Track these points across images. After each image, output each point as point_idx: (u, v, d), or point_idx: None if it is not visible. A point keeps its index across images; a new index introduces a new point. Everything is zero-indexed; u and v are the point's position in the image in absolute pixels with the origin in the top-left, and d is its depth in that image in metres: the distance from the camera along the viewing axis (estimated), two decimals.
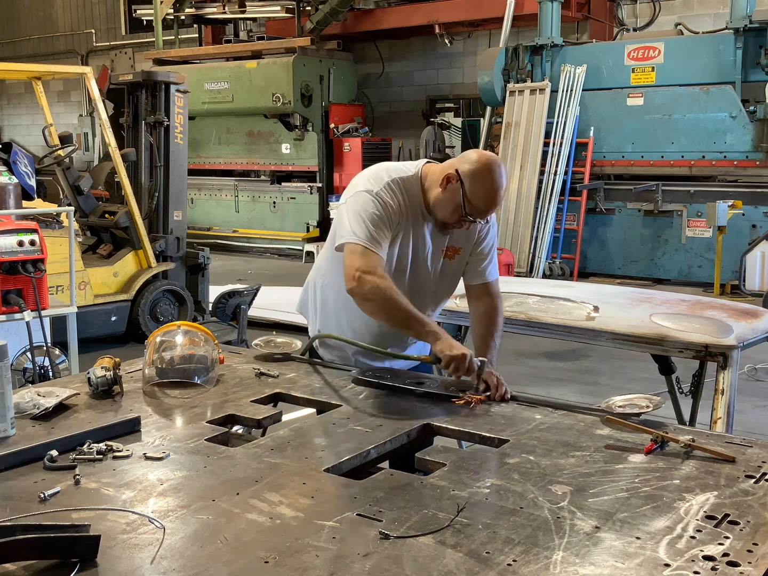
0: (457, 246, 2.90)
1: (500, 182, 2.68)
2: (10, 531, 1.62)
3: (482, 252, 2.95)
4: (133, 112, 8.46)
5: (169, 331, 2.79)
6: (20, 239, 4.77)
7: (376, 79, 14.84)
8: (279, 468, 2.06)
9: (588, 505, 1.85)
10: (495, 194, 2.68)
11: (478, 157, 2.70)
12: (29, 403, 2.42)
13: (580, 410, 2.50)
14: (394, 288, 2.64)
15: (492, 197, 2.68)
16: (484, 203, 2.68)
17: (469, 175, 2.66)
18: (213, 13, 15.31)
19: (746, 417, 5.49)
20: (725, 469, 2.04)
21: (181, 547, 1.67)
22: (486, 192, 2.66)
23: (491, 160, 2.69)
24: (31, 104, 18.91)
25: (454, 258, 2.91)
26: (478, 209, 2.68)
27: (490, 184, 2.66)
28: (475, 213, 2.70)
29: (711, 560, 1.61)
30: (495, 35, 13.15)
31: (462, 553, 1.64)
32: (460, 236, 2.88)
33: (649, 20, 12.40)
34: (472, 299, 3.01)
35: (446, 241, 2.87)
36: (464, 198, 2.66)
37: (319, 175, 13.71)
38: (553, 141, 11.15)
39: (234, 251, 14.19)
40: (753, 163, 10.23)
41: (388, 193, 2.73)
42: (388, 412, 2.46)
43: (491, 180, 2.66)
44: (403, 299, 2.64)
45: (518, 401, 2.58)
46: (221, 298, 6.46)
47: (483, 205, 2.68)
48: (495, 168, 2.67)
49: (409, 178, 2.79)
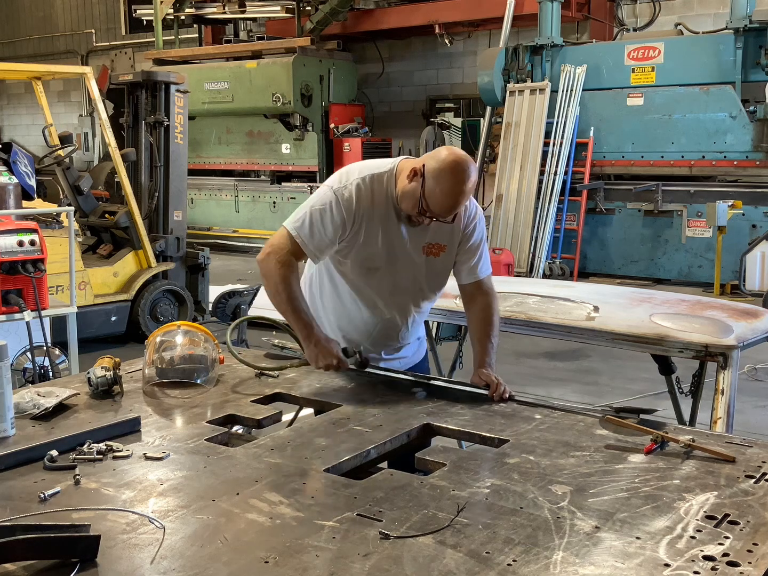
0: (441, 243, 2.82)
1: (459, 188, 2.57)
2: (10, 531, 1.62)
3: (470, 250, 2.87)
4: (133, 112, 8.46)
5: (169, 331, 2.80)
6: (20, 239, 4.76)
7: (376, 79, 14.84)
8: (279, 468, 2.06)
9: (588, 505, 1.85)
10: (452, 198, 2.59)
11: (445, 157, 2.60)
12: (29, 403, 2.42)
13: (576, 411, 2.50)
14: (289, 279, 2.69)
15: (448, 201, 2.60)
16: (439, 205, 2.60)
17: (432, 174, 2.58)
18: (213, 13, 15.32)
19: (746, 417, 5.49)
20: (725, 469, 2.04)
21: (181, 547, 1.67)
22: (443, 194, 2.58)
23: (456, 162, 2.58)
24: (31, 104, 18.92)
25: (439, 255, 2.83)
26: (434, 210, 2.62)
27: (448, 187, 2.57)
28: (433, 213, 2.63)
29: (711, 560, 1.61)
30: (495, 35, 13.15)
31: (462, 553, 1.64)
32: (442, 233, 2.79)
33: (649, 20, 12.40)
34: (467, 299, 2.95)
35: (425, 237, 2.79)
36: (422, 195, 2.60)
37: (319, 175, 13.71)
38: (553, 141, 11.15)
39: (234, 251, 14.19)
40: (753, 163, 10.23)
41: (354, 191, 2.69)
42: (388, 412, 2.46)
43: (451, 183, 2.57)
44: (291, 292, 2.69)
45: (518, 401, 2.58)
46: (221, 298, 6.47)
47: (438, 208, 2.61)
48: (458, 171, 2.57)
49: (382, 174, 2.73)
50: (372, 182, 2.72)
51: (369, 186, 2.71)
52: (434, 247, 2.82)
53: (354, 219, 2.70)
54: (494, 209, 11.40)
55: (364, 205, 2.70)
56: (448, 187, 2.57)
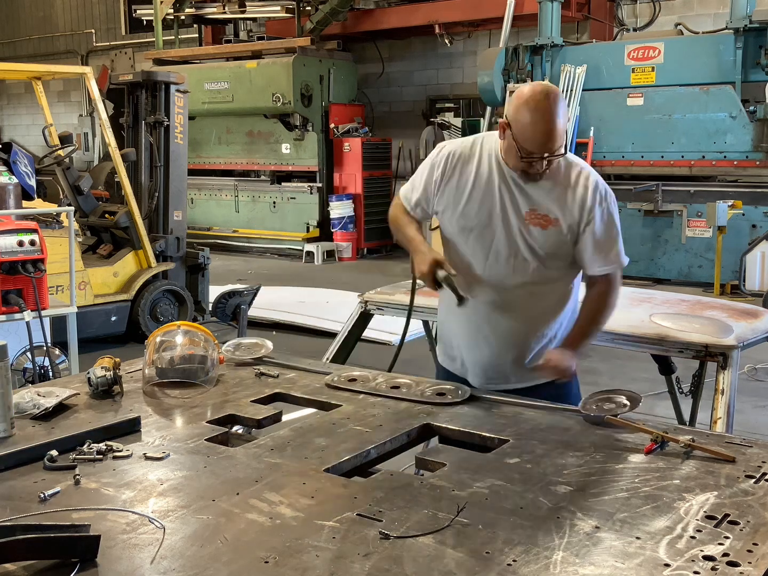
0: (549, 215, 2.61)
1: (543, 113, 2.44)
2: (10, 531, 1.62)
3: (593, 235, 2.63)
4: (133, 112, 8.46)
5: (169, 331, 2.80)
6: (20, 239, 4.77)
7: (376, 79, 14.84)
8: (279, 468, 2.06)
9: (588, 505, 1.85)
10: (541, 125, 2.44)
11: (519, 92, 2.51)
12: (29, 403, 2.42)
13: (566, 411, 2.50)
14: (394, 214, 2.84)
15: (539, 129, 2.45)
16: (532, 140, 2.46)
17: (513, 115, 2.49)
18: (213, 13, 15.31)
19: (746, 417, 5.49)
20: (725, 469, 2.04)
21: (181, 547, 1.67)
22: (531, 126, 2.45)
23: (532, 90, 2.47)
24: (31, 104, 18.91)
25: (547, 228, 2.62)
26: (531, 148, 2.47)
27: (532, 116, 2.44)
28: (531, 151, 2.48)
29: (711, 560, 1.61)
30: (495, 35, 13.14)
31: (462, 553, 1.64)
32: (550, 202, 2.61)
33: (649, 20, 12.39)
34: (587, 285, 2.77)
35: (529, 202, 2.61)
36: (515, 140, 2.49)
37: (319, 175, 13.71)
38: None
39: (234, 251, 14.19)
40: (753, 163, 10.23)
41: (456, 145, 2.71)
42: (388, 412, 2.46)
43: (533, 111, 2.44)
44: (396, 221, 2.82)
45: (518, 402, 2.58)
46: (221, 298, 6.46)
47: (533, 143, 2.46)
48: (536, 96, 2.45)
49: (491, 134, 2.69)
50: (475, 141, 2.70)
51: (472, 143, 2.70)
52: (540, 217, 2.62)
53: (446, 169, 2.68)
54: None
55: (463, 159, 2.68)
56: (532, 115, 2.45)
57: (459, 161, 2.69)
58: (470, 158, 2.68)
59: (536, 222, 2.62)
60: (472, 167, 2.67)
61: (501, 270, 2.67)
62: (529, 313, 2.73)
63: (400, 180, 14.38)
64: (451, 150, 2.70)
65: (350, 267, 12.85)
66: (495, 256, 2.67)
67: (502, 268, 2.67)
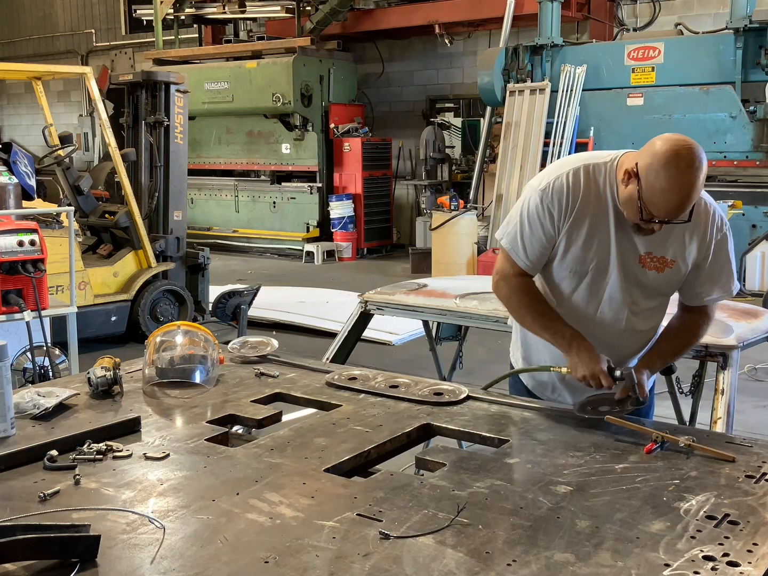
0: (665, 256, 2.40)
1: (684, 179, 2.16)
2: (10, 531, 1.62)
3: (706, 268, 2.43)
4: (133, 112, 8.47)
5: (169, 331, 2.80)
6: (20, 239, 4.77)
7: (376, 79, 14.84)
8: (279, 468, 2.06)
9: (588, 505, 1.85)
10: (676, 194, 2.18)
11: (659, 147, 2.20)
12: (29, 403, 2.42)
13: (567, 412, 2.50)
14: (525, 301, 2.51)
15: (673, 198, 2.18)
16: (662, 207, 2.20)
17: (646, 170, 2.20)
18: (213, 13, 15.31)
19: (746, 417, 5.49)
20: (725, 469, 2.04)
21: (181, 547, 1.67)
22: (663, 192, 2.18)
23: (675, 150, 2.17)
24: (31, 104, 18.91)
25: (663, 271, 2.41)
26: (659, 214, 2.22)
27: (669, 182, 2.17)
28: (658, 217, 2.24)
29: (711, 560, 1.61)
30: (495, 35, 13.14)
31: (462, 553, 1.64)
32: (669, 244, 2.38)
33: (649, 20, 12.39)
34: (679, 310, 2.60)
35: (645, 245, 2.39)
36: (640, 198, 2.22)
37: (319, 175, 13.71)
38: (553, 141, 11.15)
39: (234, 251, 14.19)
40: (753, 163, 10.23)
41: (565, 182, 2.38)
42: (388, 412, 2.46)
43: (671, 176, 2.16)
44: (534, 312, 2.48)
45: (519, 402, 2.58)
46: (221, 298, 6.47)
47: (661, 210, 2.21)
48: (678, 160, 2.16)
49: (600, 165, 2.40)
50: (587, 172, 2.40)
51: (583, 176, 2.39)
52: (657, 260, 2.40)
53: (565, 215, 2.39)
54: (494, 209, 11.40)
55: (577, 198, 2.38)
56: (668, 182, 2.17)
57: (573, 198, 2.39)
58: (584, 193, 2.39)
59: (652, 266, 2.42)
60: (588, 205, 2.39)
61: (612, 314, 2.49)
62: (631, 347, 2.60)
63: (400, 180, 14.40)
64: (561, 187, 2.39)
65: (350, 267, 12.85)
66: (608, 301, 2.48)
67: (614, 312, 2.49)
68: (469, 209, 11.41)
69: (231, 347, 3.00)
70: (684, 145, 2.19)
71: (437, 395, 2.58)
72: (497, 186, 11.47)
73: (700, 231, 2.40)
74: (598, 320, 2.51)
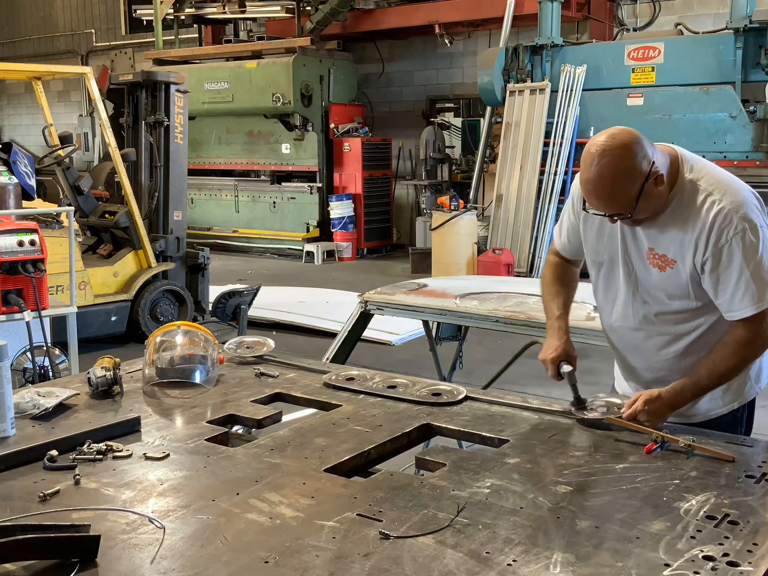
0: (666, 255, 2.34)
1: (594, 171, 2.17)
2: (10, 531, 1.62)
3: (714, 277, 2.27)
4: (133, 112, 8.47)
5: (169, 331, 2.80)
6: (20, 239, 4.77)
7: (376, 79, 14.84)
8: (279, 468, 2.06)
9: (588, 505, 1.85)
10: (589, 184, 2.22)
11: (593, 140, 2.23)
12: (29, 403, 2.42)
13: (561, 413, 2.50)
14: (547, 268, 2.68)
15: (588, 189, 2.24)
16: (586, 196, 2.28)
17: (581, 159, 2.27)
18: (213, 13, 15.31)
19: None
20: (725, 469, 2.04)
21: (181, 547, 1.67)
22: (583, 182, 2.25)
23: (596, 143, 2.20)
24: (31, 104, 18.91)
25: (666, 270, 2.35)
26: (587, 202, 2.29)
27: (585, 174, 2.23)
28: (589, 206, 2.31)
29: (711, 560, 1.61)
30: (495, 35, 13.14)
31: (462, 553, 1.64)
32: (669, 239, 2.32)
33: (649, 20, 12.39)
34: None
35: (648, 240, 2.36)
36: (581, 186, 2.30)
37: (319, 175, 13.71)
38: (553, 141, 11.15)
39: (234, 251, 14.20)
40: (753, 163, 10.23)
41: None
42: (388, 412, 2.46)
43: (585, 167, 2.21)
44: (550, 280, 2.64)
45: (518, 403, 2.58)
46: (221, 298, 6.47)
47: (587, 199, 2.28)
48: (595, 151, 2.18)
49: None
50: None
51: None
52: (659, 257, 2.36)
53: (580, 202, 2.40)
54: (494, 209, 11.40)
55: None
56: (585, 174, 2.23)
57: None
58: None
59: (656, 263, 2.36)
60: None
61: (620, 311, 2.49)
62: (652, 356, 2.50)
63: (400, 180, 14.40)
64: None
65: (350, 267, 12.85)
66: (616, 296, 2.49)
67: (620, 308, 2.49)
68: (469, 209, 11.41)
69: (227, 348, 2.99)
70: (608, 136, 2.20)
71: (435, 395, 2.58)
72: (497, 186, 11.47)
73: (698, 229, 2.26)
74: (614, 314, 2.54)
